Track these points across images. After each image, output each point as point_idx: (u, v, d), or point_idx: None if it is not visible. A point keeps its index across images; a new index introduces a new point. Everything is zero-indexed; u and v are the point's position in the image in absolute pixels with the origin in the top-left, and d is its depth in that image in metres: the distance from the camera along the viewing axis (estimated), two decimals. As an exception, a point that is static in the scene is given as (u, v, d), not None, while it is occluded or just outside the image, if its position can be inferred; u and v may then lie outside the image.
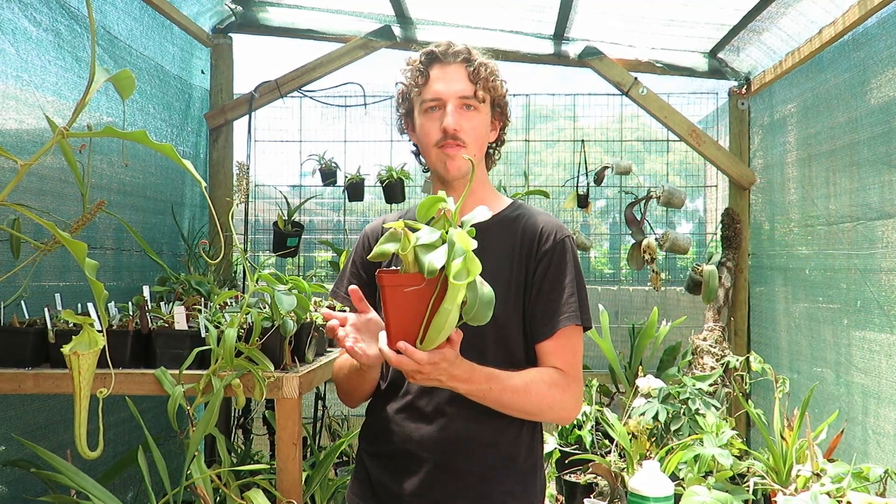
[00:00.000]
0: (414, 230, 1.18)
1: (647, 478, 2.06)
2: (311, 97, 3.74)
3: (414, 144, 1.62)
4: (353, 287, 1.38)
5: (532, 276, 1.48)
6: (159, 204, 3.02)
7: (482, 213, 1.21)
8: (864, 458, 2.49)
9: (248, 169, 2.06)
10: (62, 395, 1.72)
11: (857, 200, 2.55)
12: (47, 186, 2.20)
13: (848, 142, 2.61)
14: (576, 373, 1.47)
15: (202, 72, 3.50)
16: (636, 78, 3.45)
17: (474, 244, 1.12)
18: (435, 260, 1.12)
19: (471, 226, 1.18)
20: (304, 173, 3.81)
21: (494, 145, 1.62)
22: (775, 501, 2.16)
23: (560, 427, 2.94)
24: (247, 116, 3.51)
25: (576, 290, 1.46)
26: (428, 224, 1.21)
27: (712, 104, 3.97)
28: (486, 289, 1.16)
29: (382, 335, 1.23)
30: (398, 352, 1.20)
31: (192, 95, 3.37)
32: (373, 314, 1.40)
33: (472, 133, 1.49)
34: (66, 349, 1.36)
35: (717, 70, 3.57)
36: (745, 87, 3.57)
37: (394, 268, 1.28)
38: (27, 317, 1.85)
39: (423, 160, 1.60)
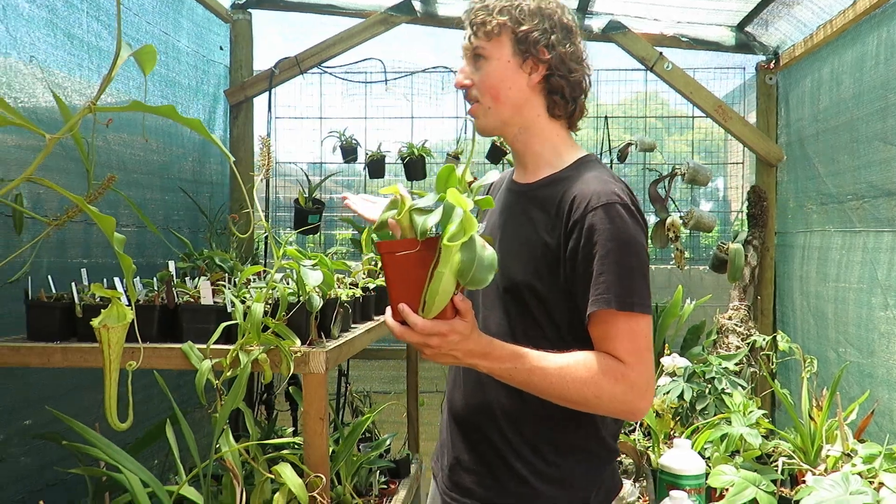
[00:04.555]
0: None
1: (679, 455, 2.04)
2: (331, 73, 3.71)
3: None
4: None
5: (564, 251, 1.32)
6: (175, 182, 3.01)
7: (490, 177, 1.18)
8: None
9: (273, 146, 2.04)
10: (89, 369, 1.72)
11: (888, 177, 2.50)
12: (54, 163, 2.18)
13: (881, 117, 2.54)
14: (635, 361, 1.26)
15: (221, 48, 3.48)
16: (661, 53, 3.38)
17: (470, 204, 1.06)
18: (428, 220, 1.08)
19: (482, 186, 1.14)
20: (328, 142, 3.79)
21: (553, 88, 1.41)
22: (804, 481, 2.13)
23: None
24: (267, 93, 3.49)
25: (611, 267, 1.26)
26: None
27: (738, 80, 3.89)
28: (486, 251, 1.08)
29: (388, 310, 1.19)
30: (403, 323, 1.15)
31: (209, 72, 3.35)
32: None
33: (481, 84, 1.41)
34: (95, 322, 1.35)
35: (745, 44, 3.49)
36: (774, 61, 3.49)
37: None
38: (54, 292, 1.85)
39: None
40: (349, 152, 3.56)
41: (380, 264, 2.67)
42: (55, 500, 1.98)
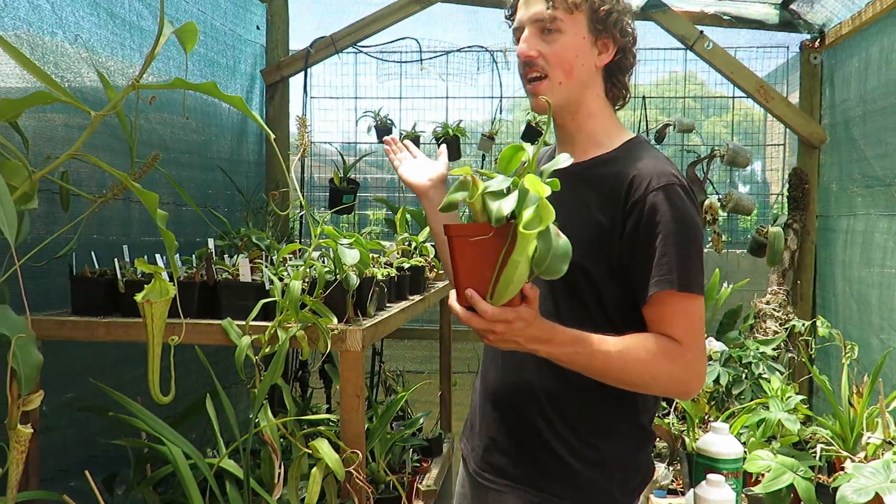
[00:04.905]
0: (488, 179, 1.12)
1: (717, 439, 2.03)
2: (366, 53, 3.70)
3: None
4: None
5: (622, 231, 1.30)
6: (213, 161, 3.04)
7: (563, 161, 1.10)
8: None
9: (308, 125, 2.05)
10: (129, 344, 1.75)
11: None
12: (98, 141, 2.22)
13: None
14: (691, 341, 1.27)
15: (258, 27, 3.49)
16: (701, 31, 3.31)
17: (548, 190, 1.01)
18: (504, 206, 1.03)
19: (557, 169, 1.09)
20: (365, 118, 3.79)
21: (615, 70, 1.42)
22: (842, 468, 2.10)
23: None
24: (302, 73, 3.50)
25: (672, 248, 1.25)
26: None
27: (780, 59, 3.80)
28: (561, 240, 1.05)
29: (452, 292, 1.17)
30: (468, 308, 1.13)
31: (245, 51, 3.37)
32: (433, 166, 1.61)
33: (554, 58, 1.34)
34: (139, 297, 1.38)
35: (789, 22, 3.40)
36: (819, 40, 3.40)
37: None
38: (97, 267, 1.89)
39: None
40: (384, 132, 3.55)
41: (414, 244, 2.68)
42: (98, 471, 2.04)
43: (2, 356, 1.20)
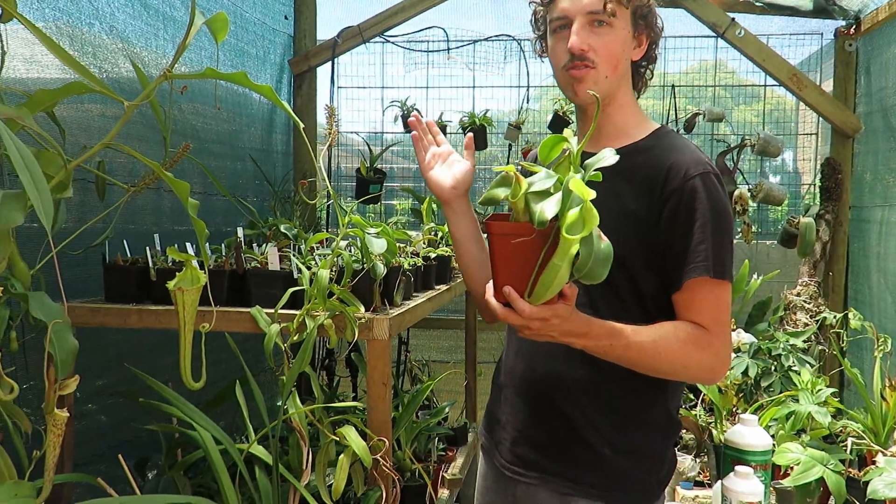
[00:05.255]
0: (530, 173, 1.10)
1: (746, 431, 2.01)
2: (393, 42, 3.70)
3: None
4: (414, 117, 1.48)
5: (658, 219, 1.32)
6: (242, 151, 3.07)
7: (608, 157, 1.09)
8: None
9: (336, 115, 2.06)
10: (160, 332, 1.78)
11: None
12: (132, 131, 2.25)
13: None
14: (718, 328, 1.31)
15: (286, 17, 3.51)
16: (733, 19, 3.26)
17: (593, 194, 0.99)
18: (546, 209, 1.02)
19: (595, 169, 1.07)
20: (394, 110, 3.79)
21: (644, 64, 1.46)
22: (874, 462, 2.07)
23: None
24: (329, 63, 3.51)
25: (709, 236, 1.28)
26: (549, 167, 1.11)
27: (813, 47, 3.72)
28: (603, 244, 1.04)
29: (489, 285, 1.18)
30: (506, 304, 1.14)
31: (274, 41, 3.39)
32: (465, 166, 1.55)
33: (604, 51, 1.35)
34: (170, 285, 1.40)
35: (823, 9, 3.33)
36: (854, 26, 3.32)
37: (505, 213, 1.18)
38: (129, 256, 1.92)
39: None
40: (410, 122, 3.56)
41: (440, 234, 2.69)
42: (129, 456, 2.08)
43: (38, 342, 1.23)
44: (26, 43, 1.81)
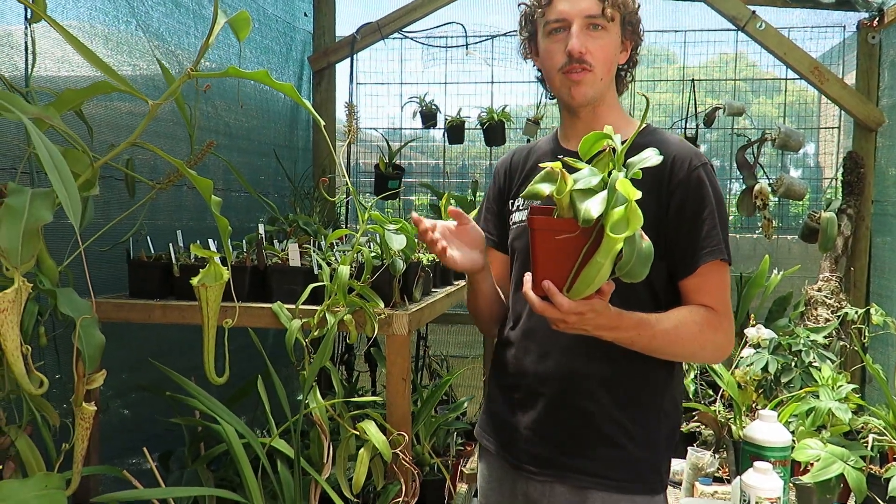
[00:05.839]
0: (573, 169, 1.11)
1: (765, 427, 2.00)
2: (412, 38, 3.71)
3: (538, 70, 1.54)
4: (415, 216, 1.40)
5: (667, 210, 1.37)
6: (264, 147, 3.10)
7: (652, 157, 1.10)
8: None
9: (355, 111, 2.07)
10: (183, 327, 1.81)
11: None
12: (160, 128, 2.29)
13: None
14: (725, 309, 1.39)
15: (305, 14, 3.53)
16: (754, 12, 3.23)
17: (638, 194, 1.01)
18: (592, 208, 1.03)
19: (638, 168, 1.08)
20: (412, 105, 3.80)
21: (626, 67, 1.52)
22: (895, 459, 2.06)
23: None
24: (349, 59, 3.53)
25: (717, 222, 1.36)
26: (590, 162, 1.13)
27: (835, 39, 3.68)
28: (644, 243, 1.05)
29: (528, 278, 1.19)
30: (543, 297, 1.16)
31: (294, 38, 3.41)
32: (473, 224, 1.46)
33: (600, 55, 1.40)
34: (194, 281, 1.42)
35: (846, 1, 3.29)
36: (878, 18, 3.28)
37: (548, 206, 1.18)
38: (153, 252, 1.95)
39: (547, 87, 1.52)
40: (429, 118, 3.57)
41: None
42: (154, 449, 2.12)
43: (65, 336, 1.26)
44: (58, 42, 1.85)
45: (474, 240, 1.47)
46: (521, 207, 1.57)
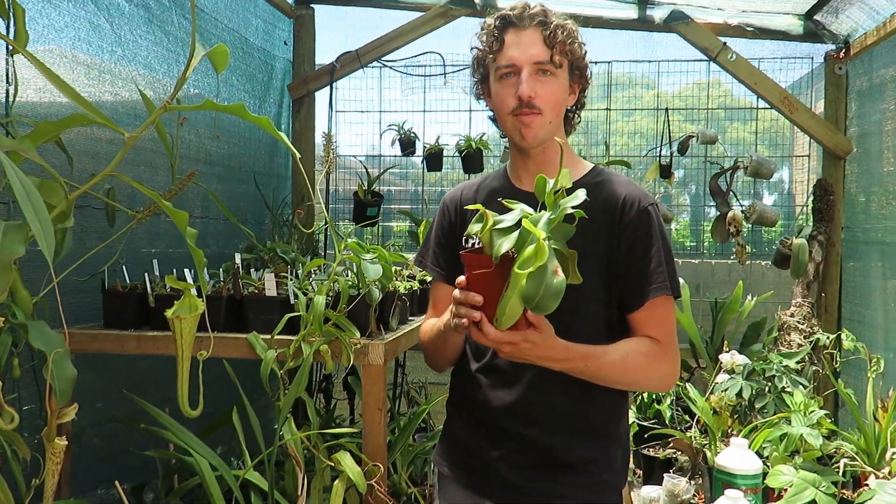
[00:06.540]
0: (508, 210, 1.20)
1: (736, 454, 2.02)
2: (391, 67, 3.75)
3: (491, 110, 1.59)
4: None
5: (617, 247, 1.46)
6: (244, 174, 3.11)
7: (580, 196, 1.18)
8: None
9: (334, 139, 2.10)
10: (157, 358, 1.81)
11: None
12: (140, 157, 2.29)
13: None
14: (670, 340, 1.47)
15: (285, 43, 3.56)
16: (725, 43, 3.30)
17: (542, 233, 1.11)
18: (503, 245, 1.14)
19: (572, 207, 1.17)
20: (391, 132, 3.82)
21: (574, 108, 1.58)
22: (866, 484, 2.08)
23: (639, 401, 2.91)
24: (328, 87, 3.55)
25: (663, 259, 1.44)
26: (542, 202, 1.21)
27: (804, 69, 3.78)
28: (556, 279, 1.13)
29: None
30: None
31: (274, 66, 3.44)
32: None
33: (549, 99, 1.46)
34: (169, 313, 1.42)
35: (813, 33, 3.38)
36: (844, 50, 3.37)
37: (479, 246, 1.30)
38: (128, 282, 1.94)
39: (499, 127, 1.57)
40: (408, 145, 3.60)
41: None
42: (127, 481, 2.09)
43: (37, 366, 1.25)
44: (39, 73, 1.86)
45: None
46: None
